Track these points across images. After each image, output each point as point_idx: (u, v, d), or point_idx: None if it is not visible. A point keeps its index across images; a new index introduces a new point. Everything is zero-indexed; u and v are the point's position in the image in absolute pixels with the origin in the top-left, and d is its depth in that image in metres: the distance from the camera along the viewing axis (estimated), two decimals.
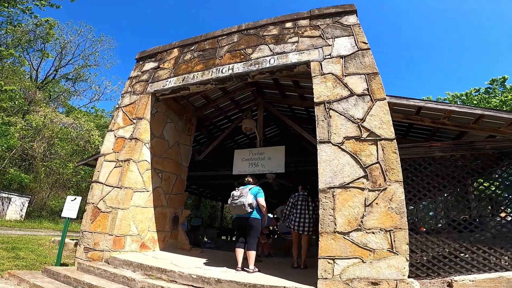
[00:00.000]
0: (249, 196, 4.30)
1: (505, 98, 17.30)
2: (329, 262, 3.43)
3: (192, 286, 3.72)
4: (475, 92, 21.30)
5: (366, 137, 3.81)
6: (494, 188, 4.64)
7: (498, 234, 4.51)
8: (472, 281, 4.31)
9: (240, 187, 4.54)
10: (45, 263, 5.70)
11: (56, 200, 20.09)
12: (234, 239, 13.55)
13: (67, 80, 27.80)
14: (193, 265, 4.51)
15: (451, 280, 4.33)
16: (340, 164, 3.81)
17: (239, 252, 4.36)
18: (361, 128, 3.87)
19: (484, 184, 4.94)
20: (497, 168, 4.74)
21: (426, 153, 4.58)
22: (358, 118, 3.91)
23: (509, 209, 4.53)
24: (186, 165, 6.70)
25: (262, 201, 4.40)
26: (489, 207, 4.87)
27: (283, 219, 5.11)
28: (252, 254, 4.28)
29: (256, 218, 4.36)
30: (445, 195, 4.94)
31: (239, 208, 4.26)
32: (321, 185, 3.77)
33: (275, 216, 7.55)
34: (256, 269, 4.24)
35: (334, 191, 3.70)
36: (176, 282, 3.81)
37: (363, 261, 3.35)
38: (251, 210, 4.29)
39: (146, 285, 3.64)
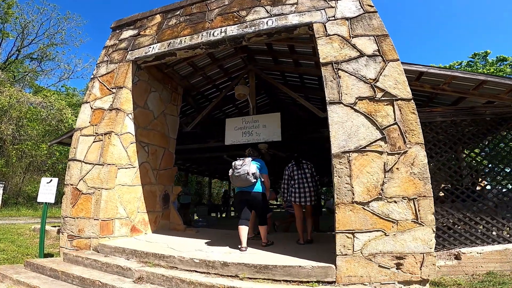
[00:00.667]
0: (252, 166, 4.00)
1: (488, 71, 17.88)
2: (348, 237, 3.07)
3: (196, 271, 3.30)
4: (457, 65, 21.88)
5: (381, 97, 3.41)
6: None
7: (500, 203, 4.40)
8: (480, 253, 4.19)
9: (241, 158, 4.22)
10: (28, 255, 5.12)
11: (32, 185, 18.87)
12: (224, 215, 13.28)
13: (32, 60, 25.93)
14: (192, 247, 4.06)
15: (458, 253, 4.18)
16: (354, 126, 3.38)
17: (243, 230, 3.98)
18: (375, 88, 3.46)
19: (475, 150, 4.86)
20: (497, 133, 4.72)
21: (427, 118, 4.50)
22: (370, 78, 3.50)
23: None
24: (174, 137, 6.07)
25: (266, 178, 4.21)
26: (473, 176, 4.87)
27: (282, 195, 4.70)
28: (263, 228, 4.10)
29: (259, 192, 4.08)
30: (447, 161, 4.72)
31: (241, 178, 3.93)
32: (335, 149, 3.33)
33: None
34: (270, 242, 4.08)
35: (349, 156, 3.28)
36: (177, 268, 3.37)
37: (385, 234, 3.03)
38: (255, 180, 3.97)
39: (144, 275, 3.16)
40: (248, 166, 3.95)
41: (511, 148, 4.62)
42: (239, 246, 3.91)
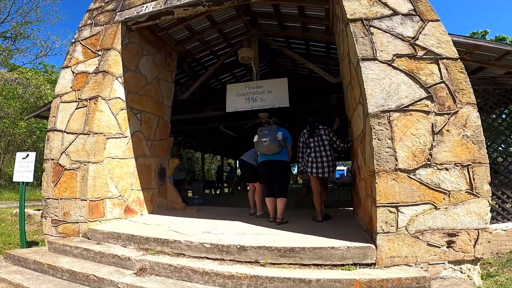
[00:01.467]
0: (278, 133, 3.81)
1: None
2: (391, 211, 2.57)
3: (207, 258, 2.77)
4: None
5: (423, 55, 2.86)
6: None
7: None
8: (505, 230, 3.87)
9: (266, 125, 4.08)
10: (10, 244, 4.43)
11: (13, 166, 17.58)
12: (218, 192, 12.79)
13: (6, 39, 23.84)
14: (197, 229, 3.50)
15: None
16: (393, 83, 2.80)
17: (271, 201, 3.86)
18: (415, 46, 2.89)
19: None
20: None
21: None
22: (408, 37, 2.93)
23: None
24: (168, 105, 5.31)
25: (290, 149, 4.02)
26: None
27: (297, 166, 4.14)
28: (282, 202, 3.78)
29: (285, 160, 3.91)
30: None
31: (268, 144, 3.75)
32: (372, 108, 2.74)
33: None
34: (285, 220, 3.75)
35: (390, 116, 2.71)
36: (184, 255, 2.83)
37: (436, 207, 2.55)
38: (281, 149, 3.81)
39: (147, 265, 2.59)
40: (275, 133, 3.78)
41: None
42: (269, 217, 3.88)
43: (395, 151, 2.63)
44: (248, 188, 4.71)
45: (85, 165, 3.68)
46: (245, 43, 5.46)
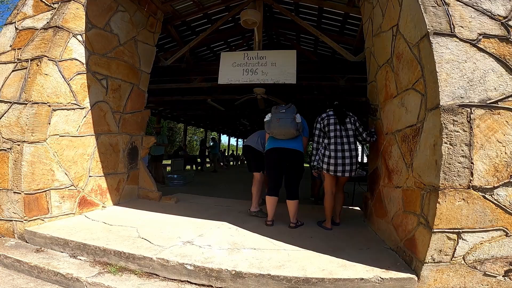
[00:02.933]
0: (297, 115, 3.03)
1: None
2: (449, 238, 1.86)
3: (189, 282, 2.02)
4: None
5: None
6: None
7: None
8: None
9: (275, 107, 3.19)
10: None
11: None
12: (200, 168, 11.79)
13: None
14: (176, 236, 2.64)
15: None
16: (478, 69, 1.91)
17: (272, 201, 3.10)
18: (508, 27, 1.97)
19: None
20: None
21: None
22: (499, 15, 2.01)
23: None
24: (147, 71, 4.14)
25: (305, 141, 3.26)
26: None
27: (315, 162, 3.18)
28: (296, 205, 3.07)
29: (301, 151, 3.13)
30: None
31: (285, 126, 2.97)
32: (446, 99, 1.86)
33: None
34: (300, 223, 3.13)
35: (471, 113, 1.84)
36: (157, 276, 2.08)
37: (506, 234, 1.85)
38: (298, 134, 3.05)
39: None
40: (293, 113, 3.01)
41: None
42: (266, 221, 3.15)
43: (472, 163, 1.80)
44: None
45: (18, 145, 2.59)
46: (251, 4, 4.26)
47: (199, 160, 12.18)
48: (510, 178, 1.80)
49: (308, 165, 4.12)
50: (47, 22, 2.88)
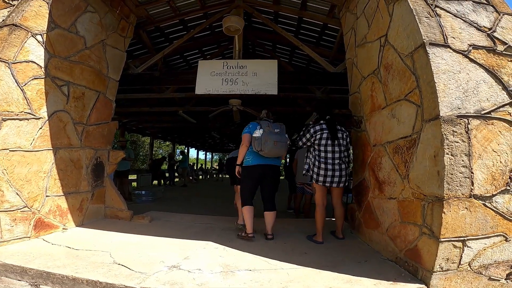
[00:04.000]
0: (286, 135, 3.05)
1: None
2: (456, 246, 1.83)
3: None
4: None
5: (503, 50, 2.05)
6: None
7: None
8: None
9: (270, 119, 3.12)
10: None
11: None
12: (168, 183, 11.09)
13: None
14: (156, 257, 2.36)
15: None
16: (471, 80, 1.96)
17: (252, 211, 2.98)
18: (493, 38, 2.08)
19: None
20: None
21: None
22: (484, 27, 2.12)
23: None
24: (115, 79, 3.73)
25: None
26: None
27: (306, 172, 3.05)
28: (274, 215, 3.04)
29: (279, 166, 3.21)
30: None
31: (280, 147, 2.90)
32: (445, 110, 1.85)
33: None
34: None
35: (468, 124, 1.85)
36: None
37: (506, 239, 1.89)
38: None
39: None
40: (285, 133, 3.02)
41: None
42: (248, 233, 2.95)
43: (472, 172, 1.80)
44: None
45: None
46: (234, 10, 4.11)
47: (167, 174, 11.49)
48: (506, 185, 1.83)
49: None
50: (3, 20, 2.44)
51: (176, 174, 11.66)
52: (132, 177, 9.33)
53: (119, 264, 2.15)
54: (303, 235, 3.16)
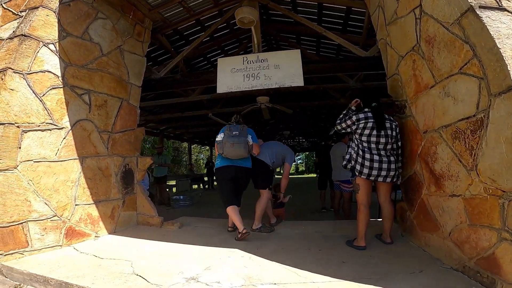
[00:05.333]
0: (249, 136, 3.06)
1: None
2: None
3: None
4: None
5: None
6: None
7: None
8: None
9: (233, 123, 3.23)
10: None
11: None
12: (207, 186, 11.21)
13: None
14: (176, 267, 2.15)
15: None
16: None
17: (235, 210, 3.01)
18: None
19: None
20: None
21: None
22: None
23: None
24: (137, 84, 3.69)
25: (256, 147, 3.19)
26: None
27: (347, 163, 2.61)
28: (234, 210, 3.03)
29: (250, 168, 3.17)
30: None
31: (239, 149, 2.96)
32: None
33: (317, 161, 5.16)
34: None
35: None
36: None
37: None
38: (248, 155, 3.08)
39: None
40: (246, 136, 3.02)
41: None
42: (231, 229, 3.22)
43: None
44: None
45: None
46: (246, 2, 3.83)
47: (206, 178, 11.61)
48: None
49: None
50: (13, 31, 2.46)
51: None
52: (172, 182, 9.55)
53: (137, 274, 2.01)
54: (342, 239, 2.73)
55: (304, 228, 3.35)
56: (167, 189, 8.04)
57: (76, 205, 2.77)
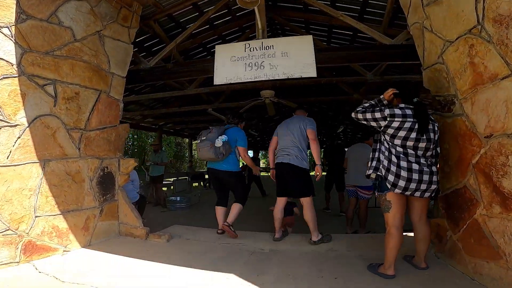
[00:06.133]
0: (218, 139, 2.88)
1: None
2: None
3: None
4: None
5: None
6: None
7: None
8: None
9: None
10: None
11: None
12: (208, 185, 10.66)
13: None
14: None
15: None
16: None
17: (219, 210, 3.14)
18: None
19: None
20: None
21: None
22: None
23: None
24: (120, 74, 3.11)
25: (242, 151, 3.07)
26: None
27: (373, 171, 2.03)
28: (236, 208, 3.05)
29: (231, 171, 3.02)
30: None
31: (204, 152, 2.89)
32: None
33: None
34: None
35: None
36: None
37: None
38: (224, 157, 2.92)
39: None
40: (214, 137, 2.91)
41: None
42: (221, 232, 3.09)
43: None
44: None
45: None
46: None
47: (207, 176, 11.02)
48: None
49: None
50: None
51: None
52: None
53: None
54: (361, 261, 2.23)
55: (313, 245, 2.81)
56: (165, 189, 7.54)
57: (36, 216, 2.25)
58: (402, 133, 1.85)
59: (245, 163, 4.35)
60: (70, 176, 2.52)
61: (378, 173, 1.93)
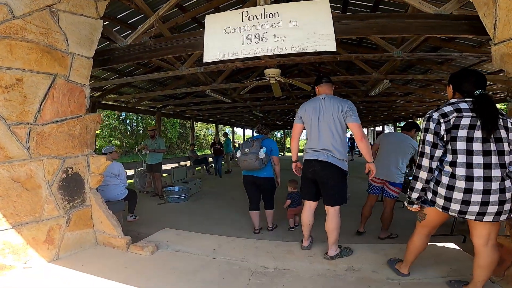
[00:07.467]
0: (261, 151, 3.12)
1: None
2: None
3: None
4: None
5: None
6: None
7: None
8: None
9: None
10: None
11: None
12: (211, 170, 10.12)
13: None
14: None
15: None
16: None
17: (255, 215, 3.39)
18: None
19: None
20: None
21: None
22: None
23: None
24: (85, 55, 2.46)
25: (277, 160, 3.35)
26: None
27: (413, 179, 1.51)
28: (271, 213, 3.43)
29: (269, 177, 3.29)
30: None
31: (250, 164, 3.12)
32: None
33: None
34: (275, 225, 3.52)
35: None
36: None
37: None
38: (263, 166, 3.15)
39: None
40: (257, 150, 3.13)
41: None
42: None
43: None
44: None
45: None
46: None
47: (211, 159, 10.48)
48: None
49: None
50: None
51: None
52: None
53: None
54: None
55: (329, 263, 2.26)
56: (165, 175, 7.06)
57: None
58: (461, 133, 1.32)
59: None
60: (19, 182, 1.97)
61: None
